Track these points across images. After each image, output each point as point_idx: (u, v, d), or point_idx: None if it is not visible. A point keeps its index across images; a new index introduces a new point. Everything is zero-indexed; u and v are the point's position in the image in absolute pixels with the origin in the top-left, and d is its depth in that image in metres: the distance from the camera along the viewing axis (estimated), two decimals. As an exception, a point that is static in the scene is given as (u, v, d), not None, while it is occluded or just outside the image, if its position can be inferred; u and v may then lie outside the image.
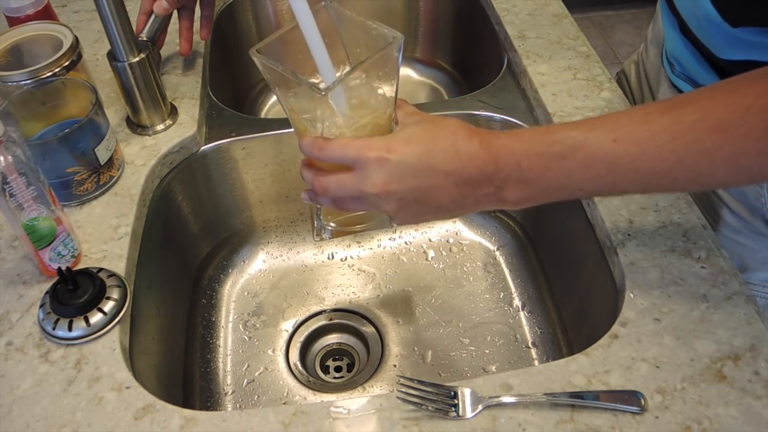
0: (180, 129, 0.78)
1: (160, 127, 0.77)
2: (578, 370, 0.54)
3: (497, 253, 0.89)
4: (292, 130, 0.81)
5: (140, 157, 0.74)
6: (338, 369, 0.80)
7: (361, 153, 0.50)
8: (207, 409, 0.74)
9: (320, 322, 0.83)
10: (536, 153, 0.50)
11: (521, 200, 0.52)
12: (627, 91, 0.87)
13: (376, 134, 0.52)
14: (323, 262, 0.89)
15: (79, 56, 0.73)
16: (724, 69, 0.63)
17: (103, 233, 0.67)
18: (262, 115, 1.09)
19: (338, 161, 0.52)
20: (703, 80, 0.66)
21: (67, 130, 0.64)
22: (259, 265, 0.89)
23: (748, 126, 0.45)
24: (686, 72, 0.69)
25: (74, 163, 0.66)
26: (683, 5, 0.65)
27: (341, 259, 0.89)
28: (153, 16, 0.78)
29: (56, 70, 0.71)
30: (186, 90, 0.83)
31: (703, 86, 0.65)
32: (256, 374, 0.78)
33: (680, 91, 0.71)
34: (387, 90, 0.52)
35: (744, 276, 0.61)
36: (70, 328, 0.57)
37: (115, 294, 0.60)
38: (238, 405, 0.75)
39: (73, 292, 0.58)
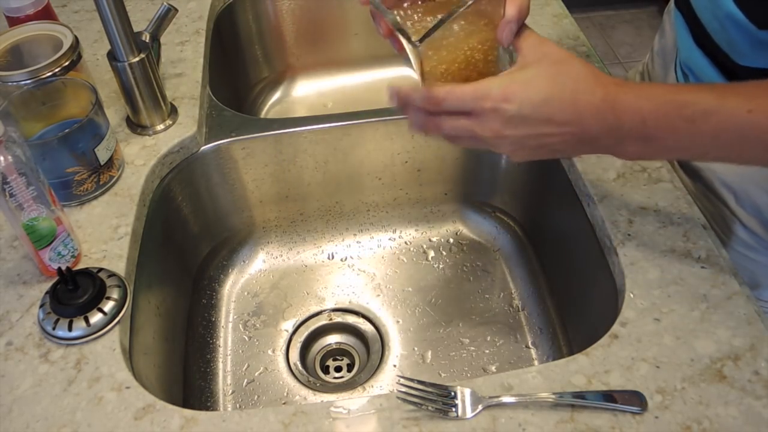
0: (180, 129, 0.78)
1: (160, 127, 0.77)
2: (578, 370, 0.54)
3: (497, 253, 0.89)
4: (292, 130, 0.82)
5: (140, 157, 0.74)
6: (338, 369, 0.80)
7: (478, 103, 0.49)
8: (207, 409, 0.74)
9: (320, 322, 0.83)
10: (664, 113, 0.49)
11: (640, 155, 0.52)
12: None
13: (483, 62, 0.52)
14: (323, 262, 0.89)
15: (79, 56, 0.73)
16: (742, 79, 0.61)
17: (103, 233, 0.67)
18: (262, 115, 1.09)
19: (455, 112, 0.51)
20: None
21: (67, 130, 0.64)
22: (259, 265, 0.89)
23: None
24: (701, 83, 0.68)
25: (74, 163, 0.66)
26: (703, 8, 0.63)
27: (341, 259, 0.89)
28: (158, 13, 0.77)
29: (56, 70, 0.70)
30: (186, 90, 0.83)
31: None
32: (256, 374, 0.78)
33: None
34: (490, 20, 0.51)
35: (755, 293, 0.61)
36: (70, 328, 0.57)
37: (115, 294, 0.60)
38: (238, 405, 0.75)
39: (73, 292, 0.58)
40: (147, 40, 0.76)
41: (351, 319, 0.83)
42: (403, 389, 0.52)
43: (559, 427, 0.50)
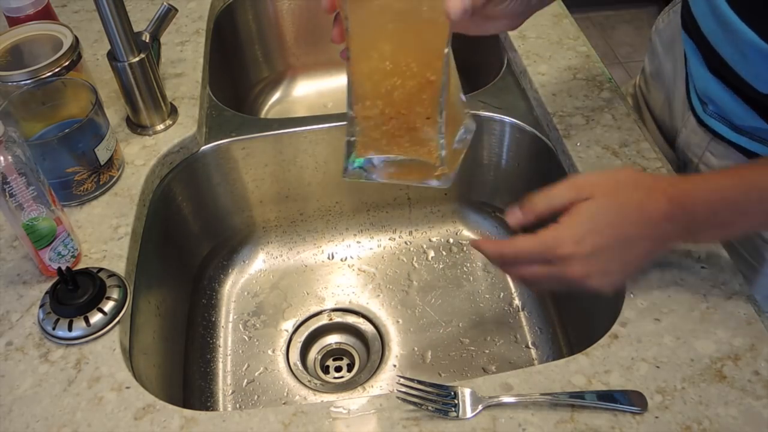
0: (180, 129, 0.78)
1: (160, 127, 0.77)
2: (578, 370, 0.54)
3: (497, 253, 0.89)
4: (292, 130, 0.82)
5: (140, 157, 0.74)
6: (338, 369, 0.80)
7: (553, 252, 0.53)
8: (207, 409, 0.74)
9: (320, 322, 0.83)
10: (732, 201, 0.52)
11: (716, 240, 0.56)
12: None
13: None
14: (323, 262, 0.89)
15: (79, 56, 0.73)
16: (767, 107, 0.60)
17: (103, 233, 0.67)
18: (262, 115, 1.09)
19: (532, 261, 0.55)
20: (740, 120, 0.63)
21: (67, 130, 0.64)
22: (259, 265, 0.89)
23: None
24: (721, 112, 0.66)
25: (74, 163, 0.66)
26: (719, 40, 0.61)
27: (341, 259, 0.89)
28: (158, 13, 0.77)
29: (56, 70, 0.70)
30: (186, 90, 0.83)
31: (741, 127, 0.63)
32: (256, 374, 0.78)
33: (712, 131, 0.67)
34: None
35: None
36: (70, 328, 0.57)
37: (115, 294, 0.60)
38: (238, 405, 0.75)
39: (73, 292, 0.58)
40: (147, 40, 0.76)
41: (351, 319, 0.83)
42: (403, 389, 0.52)
43: (559, 427, 0.50)
